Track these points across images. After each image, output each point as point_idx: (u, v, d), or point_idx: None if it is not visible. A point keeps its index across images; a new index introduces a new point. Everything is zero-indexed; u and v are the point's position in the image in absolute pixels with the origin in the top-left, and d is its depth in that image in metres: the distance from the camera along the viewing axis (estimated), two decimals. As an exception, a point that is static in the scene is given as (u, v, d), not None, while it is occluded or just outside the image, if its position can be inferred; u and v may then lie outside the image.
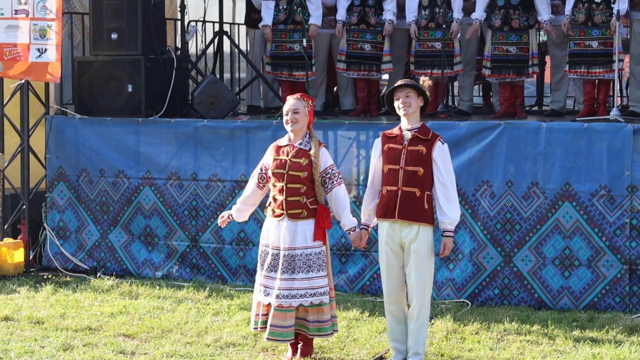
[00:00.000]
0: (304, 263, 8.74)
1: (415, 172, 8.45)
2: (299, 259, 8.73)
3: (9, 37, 12.20)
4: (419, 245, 8.50)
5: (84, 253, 12.67)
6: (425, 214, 8.48)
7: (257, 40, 14.64)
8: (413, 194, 8.46)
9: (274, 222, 8.79)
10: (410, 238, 8.50)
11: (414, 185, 8.46)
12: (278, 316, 8.70)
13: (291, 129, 8.82)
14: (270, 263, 8.76)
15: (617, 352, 9.16)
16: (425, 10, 12.83)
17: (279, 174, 8.76)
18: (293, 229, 8.74)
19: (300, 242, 8.74)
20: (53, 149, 12.81)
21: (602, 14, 11.93)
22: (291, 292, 8.70)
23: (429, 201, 8.47)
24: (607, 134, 10.74)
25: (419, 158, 8.46)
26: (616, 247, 10.63)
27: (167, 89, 12.76)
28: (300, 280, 8.73)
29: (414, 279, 8.53)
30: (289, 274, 8.70)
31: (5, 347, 9.47)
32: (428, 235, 8.53)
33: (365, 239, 8.87)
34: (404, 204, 8.48)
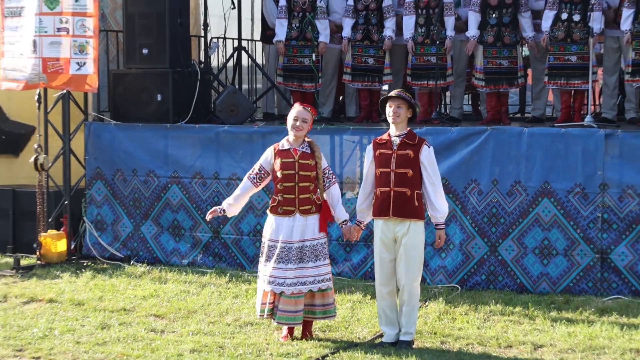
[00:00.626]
0: (312, 253, 8.83)
1: (405, 174, 8.55)
2: (308, 249, 8.81)
3: (52, 52, 12.24)
4: (410, 238, 8.60)
5: (119, 243, 12.73)
6: (415, 210, 8.59)
7: (271, 54, 14.68)
8: (404, 194, 8.56)
9: (284, 219, 8.83)
10: (402, 232, 8.60)
11: (404, 186, 8.56)
12: (290, 302, 8.79)
13: (297, 135, 8.88)
14: (279, 256, 8.78)
15: (589, 330, 9.22)
16: (422, 28, 12.88)
17: (290, 175, 8.80)
18: (304, 223, 8.82)
19: (309, 234, 8.83)
20: (91, 151, 12.87)
21: (580, 32, 11.98)
22: (301, 280, 8.77)
23: (418, 199, 8.57)
24: (581, 138, 10.77)
25: (408, 161, 8.56)
26: (589, 238, 10.67)
27: (192, 98, 12.81)
28: (310, 268, 8.82)
29: (404, 268, 8.61)
30: (303, 263, 8.78)
31: (50, 325, 9.54)
32: (418, 229, 8.65)
33: (359, 234, 9.01)
34: (396, 203, 8.57)
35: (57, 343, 8.95)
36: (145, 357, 8.52)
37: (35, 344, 8.92)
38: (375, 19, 13.19)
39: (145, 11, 12.79)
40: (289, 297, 8.79)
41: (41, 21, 12.21)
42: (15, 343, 8.95)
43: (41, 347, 8.81)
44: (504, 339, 9.03)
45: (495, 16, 12.48)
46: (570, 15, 12.03)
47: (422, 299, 10.37)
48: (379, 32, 13.20)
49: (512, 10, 12.47)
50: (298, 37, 13.40)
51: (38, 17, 12.19)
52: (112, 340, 9.04)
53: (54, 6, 12.20)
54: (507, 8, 12.45)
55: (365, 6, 13.16)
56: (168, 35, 12.71)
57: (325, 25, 13.35)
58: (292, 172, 8.81)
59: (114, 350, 8.72)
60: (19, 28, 12.42)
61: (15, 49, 12.45)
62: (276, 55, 14.20)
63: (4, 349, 8.79)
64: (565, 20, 12.06)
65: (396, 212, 8.61)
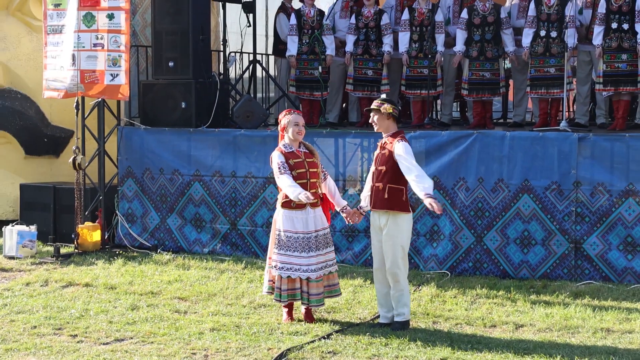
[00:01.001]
0: (324, 240, 8.84)
1: (381, 171, 8.56)
2: (322, 237, 8.82)
3: (89, 64, 12.21)
4: (389, 229, 8.55)
5: (147, 234, 12.68)
6: (388, 203, 8.53)
7: (283, 67, 14.65)
8: (378, 187, 8.57)
9: (297, 212, 8.76)
10: (383, 223, 8.59)
11: (380, 181, 8.57)
12: (319, 285, 8.80)
13: (300, 138, 8.89)
14: (302, 245, 8.71)
15: (565, 312, 9.18)
16: (416, 44, 12.85)
17: (302, 173, 8.75)
18: (314, 215, 8.81)
19: (320, 224, 8.85)
20: (123, 152, 12.84)
21: (557, 47, 11.94)
22: (322, 265, 8.81)
23: (390, 192, 8.51)
24: (557, 141, 10.72)
25: (385, 159, 8.57)
26: (564, 230, 10.61)
27: (212, 105, 12.76)
28: (325, 254, 8.84)
29: (385, 255, 8.61)
30: (320, 250, 8.79)
31: (85, 307, 9.52)
32: (397, 220, 8.55)
33: (359, 218, 8.94)
34: (375, 197, 8.61)
35: (92, 322, 8.94)
36: (170, 335, 8.50)
37: (72, 323, 8.91)
38: (374, 35, 13.14)
39: (171, 29, 12.76)
40: (316, 281, 8.76)
41: (79, 37, 12.18)
42: (55, 322, 8.95)
43: (78, 326, 8.80)
44: (488, 319, 9.00)
45: (478, 33, 12.45)
46: (548, 32, 11.99)
47: (415, 284, 10.36)
48: (378, 47, 13.16)
49: (494, 28, 12.42)
50: (307, 52, 13.37)
51: (77, 34, 12.17)
52: (140, 320, 9.02)
53: (91, 24, 12.18)
54: (489, 26, 12.42)
55: (365, 24, 13.14)
56: (191, 50, 12.67)
57: (331, 40, 13.34)
58: (303, 171, 8.77)
59: (142, 329, 8.71)
60: (59, 44, 12.41)
61: (57, 62, 12.43)
62: (287, 67, 14.18)
63: (45, 327, 8.78)
64: (544, 37, 12.03)
65: (375, 204, 8.62)
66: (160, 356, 7.87)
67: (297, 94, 13.69)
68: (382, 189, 8.54)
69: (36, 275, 11.02)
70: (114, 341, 8.36)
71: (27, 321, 8.98)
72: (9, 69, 14.24)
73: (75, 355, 7.90)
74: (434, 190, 8.53)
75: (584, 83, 12.58)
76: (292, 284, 8.80)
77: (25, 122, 14.04)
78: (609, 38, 11.57)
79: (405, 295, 8.66)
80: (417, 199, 8.99)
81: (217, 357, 7.86)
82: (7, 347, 8.12)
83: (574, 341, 8.30)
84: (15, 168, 14.17)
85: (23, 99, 14.13)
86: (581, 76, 12.53)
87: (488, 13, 12.39)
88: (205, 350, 8.04)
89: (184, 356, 7.89)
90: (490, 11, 12.39)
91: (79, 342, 8.32)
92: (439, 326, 8.85)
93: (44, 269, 11.42)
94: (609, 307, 9.38)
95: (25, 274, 11.18)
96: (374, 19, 13.11)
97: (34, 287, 10.51)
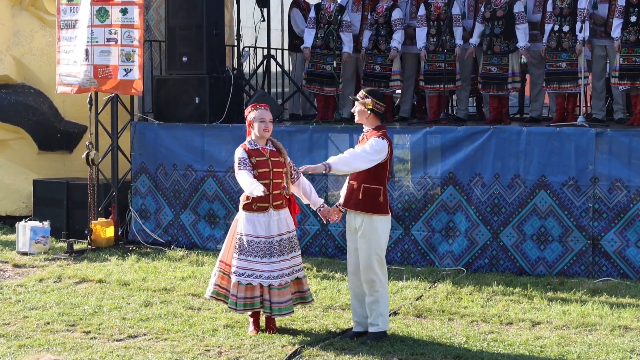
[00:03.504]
0: (288, 245, 8.35)
1: None
2: (286, 242, 8.34)
3: (103, 60, 12.23)
4: (363, 231, 8.03)
5: (160, 230, 12.69)
6: (360, 203, 8.02)
7: (297, 61, 14.64)
8: (352, 186, 8.08)
9: (258, 215, 8.25)
10: (357, 225, 8.06)
11: (354, 179, 8.08)
12: (278, 294, 8.28)
13: (267, 135, 8.34)
14: (263, 250, 8.24)
15: (582, 309, 9.14)
16: (433, 38, 12.80)
17: (265, 173, 8.25)
18: (278, 218, 8.30)
19: (285, 227, 8.35)
20: (137, 148, 12.85)
21: (569, 41, 11.89)
22: (286, 271, 8.32)
23: (365, 192, 7.98)
24: (574, 136, 10.68)
25: None
26: (582, 226, 10.56)
27: (226, 100, 12.74)
28: (290, 259, 8.38)
29: (360, 260, 8.08)
30: (284, 255, 8.31)
31: (99, 303, 9.53)
32: (372, 223, 8.00)
33: (339, 215, 8.30)
34: (349, 196, 8.12)
35: (106, 319, 8.94)
36: (184, 332, 8.49)
37: (86, 320, 8.91)
38: (384, 30, 13.12)
39: (185, 23, 12.76)
40: (279, 289, 8.27)
41: (93, 32, 12.20)
42: (68, 319, 8.96)
43: (91, 323, 8.81)
44: (505, 317, 8.96)
45: (488, 27, 12.40)
46: (561, 27, 11.94)
47: (431, 281, 10.33)
48: (387, 43, 13.13)
49: (503, 23, 12.32)
50: (322, 46, 13.34)
51: (90, 29, 12.19)
52: (154, 316, 9.03)
53: (104, 19, 12.19)
54: (498, 20, 12.35)
55: (376, 20, 13.12)
56: (205, 45, 12.66)
57: (350, 37, 13.32)
58: (266, 170, 8.26)
59: (156, 325, 8.71)
60: (73, 38, 12.43)
61: (70, 57, 12.46)
62: (302, 62, 14.19)
63: (59, 324, 8.79)
64: (557, 31, 11.97)
65: (348, 204, 8.15)
66: (174, 353, 7.87)
67: (307, 87, 13.65)
68: (357, 188, 8.05)
69: (49, 271, 11.04)
70: (128, 338, 8.37)
71: (41, 317, 8.99)
72: (23, 64, 14.28)
73: (89, 352, 7.90)
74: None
75: (599, 78, 12.52)
76: (250, 292, 8.30)
77: (38, 118, 14.07)
78: (627, 31, 11.51)
79: (381, 305, 8.09)
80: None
81: (231, 354, 7.85)
82: (21, 344, 8.13)
83: (591, 339, 8.25)
84: (28, 163, 14.21)
85: (36, 94, 14.17)
86: (596, 71, 12.47)
87: (499, 7, 12.32)
88: (219, 347, 8.03)
89: (197, 353, 7.89)
90: (503, 5, 12.31)
91: (93, 339, 8.33)
92: (455, 323, 8.82)
93: (57, 265, 11.44)
94: (627, 304, 9.33)
95: (39, 270, 11.20)
96: (384, 15, 13.09)
97: (47, 283, 10.52)
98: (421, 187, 11.24)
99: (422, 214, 11.24)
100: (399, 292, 9.92)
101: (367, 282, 8.08)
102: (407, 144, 11.48)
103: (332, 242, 11.66)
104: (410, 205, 11.28)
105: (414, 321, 8.86)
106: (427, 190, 11.25)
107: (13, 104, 13.93)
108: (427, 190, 11.25)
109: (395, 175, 11.34)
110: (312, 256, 11.62)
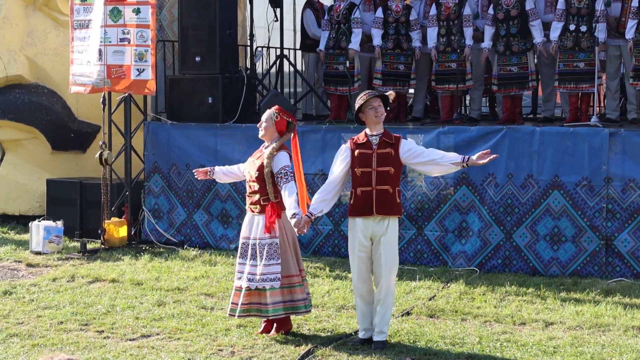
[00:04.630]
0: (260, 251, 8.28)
1: (387, 172, 7.99)
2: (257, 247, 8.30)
3: (116, 60, 12.26)
4: (388, 235, 7.95)
5: (173, 229, 12.71)
6: (396, 207, 7.98)
7: (310, 62, 14.65)
8: (386, 191, 7.97)
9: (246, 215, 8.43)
10: (382, 231, 7.92)
11: (386, 184, 7.98)
12: (239, 295, 8.36)
13: (260, 136, 8.50)
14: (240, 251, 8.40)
15: (595, 310, 9.12)
16: (444, 38, 12.80)
17: (248, 174, 8.53)
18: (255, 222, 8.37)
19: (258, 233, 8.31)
20: (150, 148, 12.87)
21: (586, 41, 11.86)
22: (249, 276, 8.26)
23: (399, 195, 7.99)
24: (588, 137, 10.66)
25: (389, 159, 7.98)
26: (595, 227, 10.54)
27: (239, 100, 12.76)
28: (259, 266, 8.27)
29: (383, 266, 7.93)
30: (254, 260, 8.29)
31: (112, 302, 9.55)
32: (395, 226, 8.00)
33: (308, 225, 7.98)
34: (379, 201, 7.94)
35: (119, 318, 8.96)
36: (197, 331, 8.51)
37: (99, 319, 8.94)
38: (404, 29, 13.14)
39: (198, 23, 12.78)
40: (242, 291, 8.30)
41: (106, 32, 12.23)
42: (81, 318, 8.98)
43: (104, 322, 8.83)
44: (518, 317, 8.94)
45: (504, 28, 12.38)
46: (578, 26, 11.91)
47: (444, 281, 10.32)
48: (408, 42, 13.14)
49: (518, 21, 12.31)
50: (334, 47, 13.35)
51: (103, 29, 12.22)
52: (167, 316, 9.04)
53: (118, 19, 12.21)
54: (513, 20, 12.33)
55: (396, 19, 13.11)
56: (218, 45, 12.68)
57: (357, 33, 13.29)
58: (249, 172, 8.47)
59: (169, 325, 8.72)
60: (86, 38, 12.46)
61: (83, 57, 12.49)
62: (314, 62, 14.22)
63: (72, 323, 8.81)
64: (573, 31, 11.95)
65: (379, 209, 7.94)
66: (187, 352, 7.88)
67: (325, 88, 13.71)
68: (392, 192, 7.96)
69: (63, 270, 11.07)
70: (141, 337, 8.39)
71: (54, 317, 9.02)
72: (36, 64, 14.32)
73: (102, 351, 7.93)
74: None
75: (613, 78, 12.49)
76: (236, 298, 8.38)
77: (51, 117, 14.11)
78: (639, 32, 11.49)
79: (390, 311, 8.10)
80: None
81: (244, 354, 7.86)
82: (34, 343, 8.16)
83: (605, 339, 8.23)
84: (41, 163, 14.24)
85: (50, 94, 14.20)
86: (610, 71, 12.44)
87: (511, 7, 12.30)
88: (231, 347, 8.04)
89: (210, 352, 7.90)
90: (514, 4, 12.29)
91: (106, 338, 8.35)
92: (468, 323, 8.81)
93: (70, 264, 11.47)
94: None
95: (52, 270, 11.23)
96: (404, 14, 13.09)
97: (61, 282, 10.55)
98: (434, 187, 11.24)
99: (435, 214, 11.23)
100: (411, 292, 9.92)
101: (388, 288, 8.00)
102: (420, 143, 11.46)
103: (344, 242, 11.63)
104: (423, 206, 11.28)
105: (426, 321, 8.86)
106: (440, 191, 11.24)
107: (27, 104, 13.97)
108: (440, 191, 11.24)
109: (408, 175, 11.34)
110: (324, 256, 11.65)
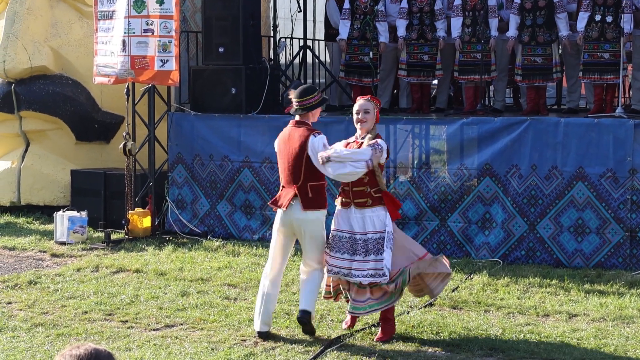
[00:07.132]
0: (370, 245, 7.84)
1: None
2: (368, 242, 7.83)
3: (140, 50, 12.29)
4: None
5: (197, 220, 12.76)
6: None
7: (334, 52, 14.66)
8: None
9: (342, 210, 7.92)
10: None
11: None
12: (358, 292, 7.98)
13: (360, 127, 7.92)
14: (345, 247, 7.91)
15: (619, 301, 9.10)
16: (468, 28, 12.77)
17: None
18: (361, 216, 7.85)
19: (362, 227, 7.86)
20: (173, 138, 12.92)
21: (612, 32, 11.80)
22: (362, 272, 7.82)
23: (313, 190, 7.94)
24: (613, 128, 10.62)
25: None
26: (620, 218, 10.51)
27: (262, 91, 12.79)
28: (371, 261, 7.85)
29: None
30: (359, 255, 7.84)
31: (136, 293, 9.61)
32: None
33: None
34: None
35: (143, 308, 9.01)
36: (220, 321, 8.54)
37: (123, 309, 8.99)
38: (428, 20, 13.11)
39: (221, 14, 12.81)
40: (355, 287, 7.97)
41: (130, 23, 12.26)
42: (105, 308, 9.04)
43: (128, 312, 8.88)
44: (541, 309, 8.93)
45: (530, 18, 12.34)
46: (604, 17, 11.86)
47: (467, 272, 10.32)
48: (432, 32, 13.12)
49: (545, 12, 12.28)
50: (359, 37, 13.35)
51: (127, 20, 12.25)
52: (190, 306, 9.09)
53: (141, 10, 12.25)
54: (540, 10, 12.29)
55: (420, 9, 13.09)
56: (242, 36, 12.71)
57: (385, 27, 13.31)
58: None
59: (192, 315, 8.76)
60: (110, 29, 12.49)
61: (107, 48, 12.53)
62: (338, 53, 14.21)
63: (96, 313, 8.87)
64: (598, 22, 11.89)
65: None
66: (210, 342, 7.92)
67: (346, 79, 13.70)
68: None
69: (87, 261, 11.14)
70: (164, 327, 8.44)
71: (78, 306, 9.08)
72: (60, 54, 14.38)
73: (126, 341, 7.98)
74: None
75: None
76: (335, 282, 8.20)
77: (76, 108, 14.18)
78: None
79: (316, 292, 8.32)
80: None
81: (267, 344, 7.89)
82: (59, 332, 8.22)
83: (629, 331, 8.22)
84: (66, 154, 14.32)
85: (74, 84, 14.26)
86: (637, 62, 12.38)
87: (540, -3, 12.27)
88: (255, 337, 8.07)
89: (233, 342, 7.94)
90: (543, -5, 12.27)
91: (130, 328, 8.41)
92: (491, 315, 8.81)
93: (94, 254, 11.54)
94: (665, 297, 9.29)
95: (76, 260, 11.30)
96: (429, 3, 13.08)
97: (85, 272, 10.62)
98: (457, 178, 11.23)
99: (458, 205, 11.23)
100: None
101: None
102: (444, 134, 11.48)
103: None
104: (446, 197, 11.27)
105: (450, 313, 8.87)
106: (464, 182, 11.23)
107: (51, 95, 14.04)
108: (463, 182, 11.24)
109: (432, 166, 11.35)
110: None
